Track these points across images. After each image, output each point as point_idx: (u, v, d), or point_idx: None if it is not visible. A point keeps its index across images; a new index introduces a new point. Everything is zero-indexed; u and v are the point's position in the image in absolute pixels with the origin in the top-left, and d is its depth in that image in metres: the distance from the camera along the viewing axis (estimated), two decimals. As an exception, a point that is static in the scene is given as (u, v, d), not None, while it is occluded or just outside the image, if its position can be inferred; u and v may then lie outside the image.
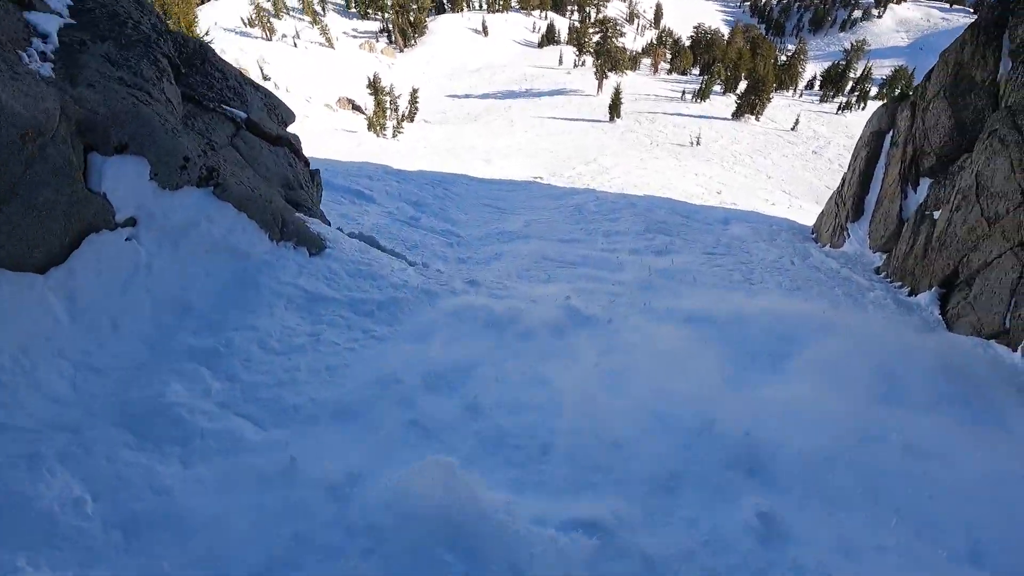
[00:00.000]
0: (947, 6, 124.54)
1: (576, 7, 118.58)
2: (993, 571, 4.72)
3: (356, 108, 61.30)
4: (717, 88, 72.50)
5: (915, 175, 14.86)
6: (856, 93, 72.05)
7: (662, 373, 6.98)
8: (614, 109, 54.58)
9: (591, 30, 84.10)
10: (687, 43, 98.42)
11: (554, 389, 6.42)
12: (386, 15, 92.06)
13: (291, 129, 10.79)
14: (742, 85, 68.68)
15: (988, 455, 6.21)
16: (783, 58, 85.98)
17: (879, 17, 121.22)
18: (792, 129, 57.20)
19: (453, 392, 6.27)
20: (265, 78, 62.71)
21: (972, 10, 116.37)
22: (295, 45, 75.01)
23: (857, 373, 7.58)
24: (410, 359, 6.64)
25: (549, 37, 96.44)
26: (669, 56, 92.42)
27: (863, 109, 67.06)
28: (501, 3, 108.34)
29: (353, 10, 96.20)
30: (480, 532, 4.36)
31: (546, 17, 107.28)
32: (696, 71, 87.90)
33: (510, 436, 5.71)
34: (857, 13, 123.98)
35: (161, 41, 7.69)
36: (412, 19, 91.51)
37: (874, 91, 77.00)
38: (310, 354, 6.46)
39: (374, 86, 55.99)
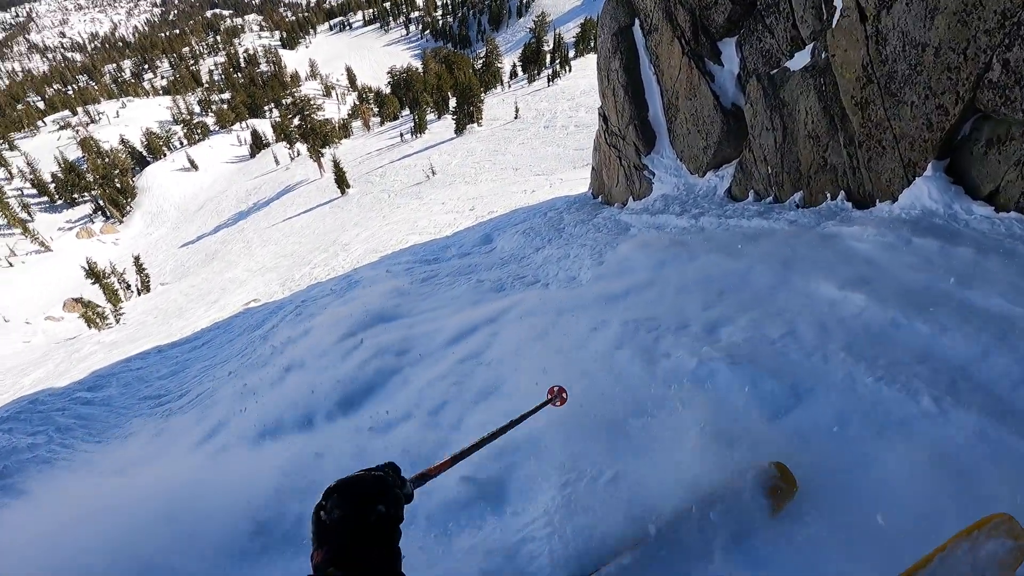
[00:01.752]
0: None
1: (272, 104, 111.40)
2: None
3: (88, 304, 51.36)
4: (432, 116, 67.84)
5: (709, 44, 8.97)
6: (557, 62, 69.67)
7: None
8: (341, 182, 48.41)
9: (288, 116, 76.92)
10: (388, 90, 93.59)
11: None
12: (93, 192, 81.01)
13: None
14: (453, 103, 64.53)
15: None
16: (479, 64, 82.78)
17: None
18: (516, 118, 53.55)
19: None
20: None
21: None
22: (10, 264, 64.73)
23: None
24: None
25: (257, 144, 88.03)
26: (376, 109, 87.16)
27: (570, 71, 64.76)
28: (199, 131, 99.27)
29: (59, 201, 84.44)
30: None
31: (247, 126, 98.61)
32: (406, 112, 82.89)
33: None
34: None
35: None
36: (119, 185, 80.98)
37: (572, 52, 75.68)
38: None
39: (92, 273, 47.36)
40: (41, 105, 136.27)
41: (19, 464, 9.27)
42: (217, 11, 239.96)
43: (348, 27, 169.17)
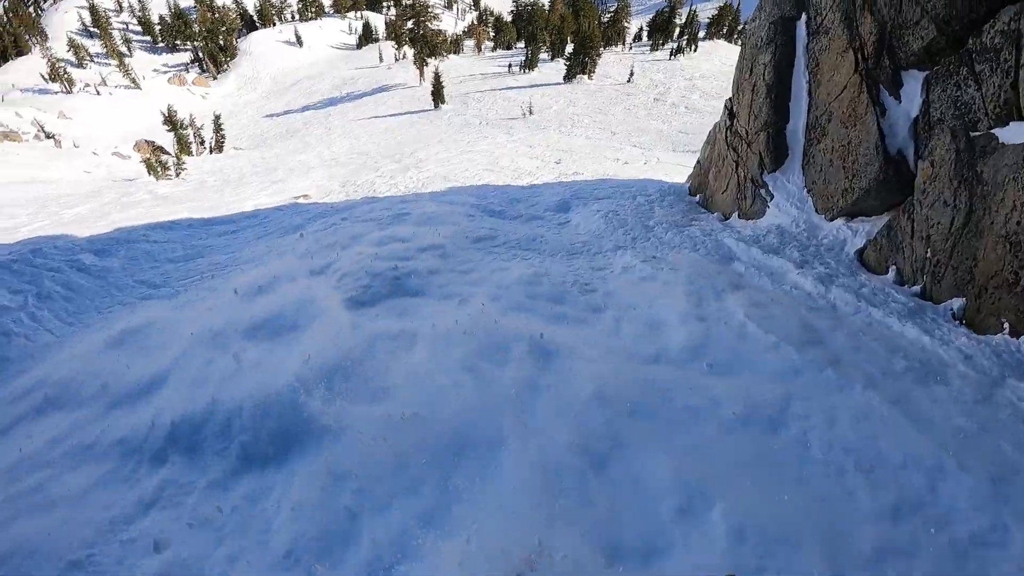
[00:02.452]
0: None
1: (392, 2, 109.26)
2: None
3: (158, 148, 51.23)
4: (545, 56, 65.51)
5: (892, 70, 7.32)
6: (685, 37, 66.42)
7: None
8: (437, 95, 46.95)
9: (403, 17, 75.05)
10: (509, 19, 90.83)
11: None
12: (195, 43, 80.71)
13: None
14: (569, 48, 62.06)
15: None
16: (606, 18, 79.57)
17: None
18: (628, 81, 51.04)
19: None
20: (47, 135, 52.59)
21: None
22: (98, 93, 64.72)
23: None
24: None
25: (367, 36, 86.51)
26: (492, 33, 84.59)
27: (695, 51, 61.85)
28: (314, 10, 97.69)
29: (161, 44, 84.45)
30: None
31: (361, 17, 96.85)
32: (521, 44, 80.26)
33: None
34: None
35: None
36: (222, 43, 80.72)
37: (702, 33, 72.39)
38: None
39: (171, 122, 47.64)
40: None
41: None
42: None
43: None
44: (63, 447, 5.19)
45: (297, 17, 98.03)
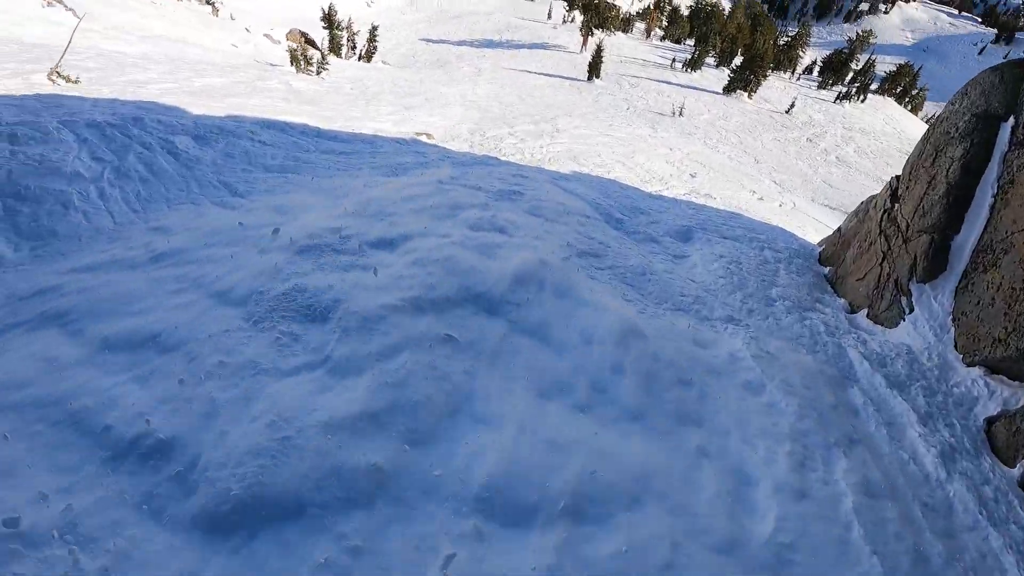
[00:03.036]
0: (955, 12, 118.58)
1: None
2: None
3: (310, 42, 51.93)
4: (710, 60, 63.33)
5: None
6: (856, 84, 62.99)
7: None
8: (594, 68, 45.73)
9: (579, -18, 73.61)
10: (685, 13, 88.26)
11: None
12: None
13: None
14: (737, 60, 59.79)
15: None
16: (782, 40, 76.44)
17: (886, 13, 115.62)
18: (787, 112, 48.73)
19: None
20: (207, 1, 53.81)
21: (979, 20, 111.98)
22: None
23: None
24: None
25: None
26: (665, 23, 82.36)
27: (862, 101, 58.58)
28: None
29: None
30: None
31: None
32: (690, 42, 77.83)
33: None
34: (864, 6, 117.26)
35: None
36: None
37: (875, 86, 68.79)
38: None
39: (329, 20, 47.68)
40: None
41: (37, 193, 8.19)
42: None
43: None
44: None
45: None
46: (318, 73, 33.35)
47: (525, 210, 10.52)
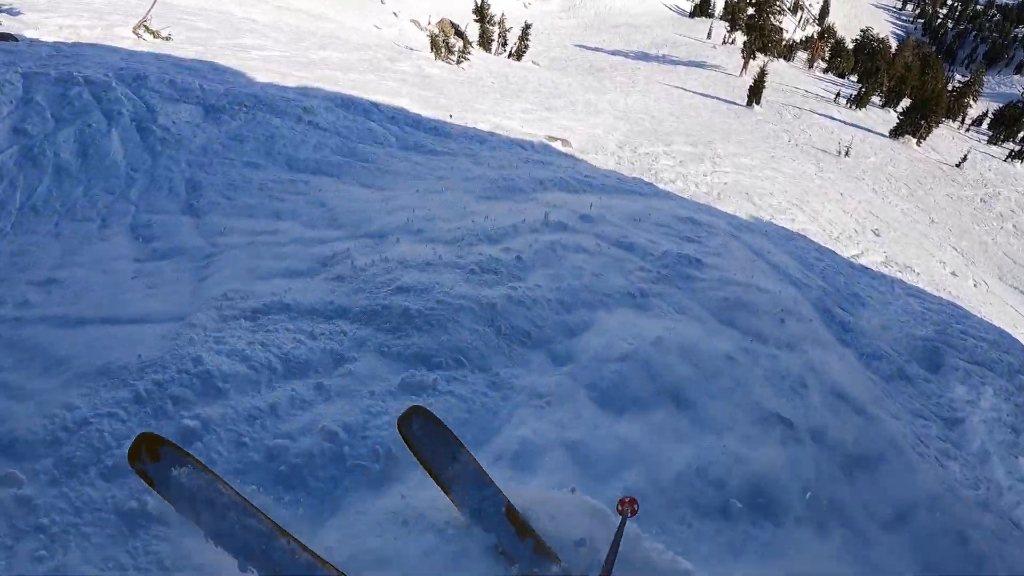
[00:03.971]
0: None
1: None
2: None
3: (459, 33, 51.39)
4: (876, 100, 59.19)
5: None
6: (1031, 146, 57.35)
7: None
8: (755, 93, 43.38)
9: (747, 2, 70.29)
10: (851, 46, 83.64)
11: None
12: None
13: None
14: (905, 102, 55.74)
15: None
16: (950, 86, 70.96)
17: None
18: (957, 166, 44.83)
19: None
20: None
21: None
22: None
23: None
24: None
25: (703, 8, 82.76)
26: (828, 54, 78.00)
27: (1039, 170, 53.26)
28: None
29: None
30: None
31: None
32: (854, 78, 73.45)
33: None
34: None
35: None
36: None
37: (1053, 145, 62.78)
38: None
39: (480, 12, 48.40)
40: None
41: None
42: None
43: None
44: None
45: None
46: (458, 62, 32.33)
47: (712, 310, 6.57)
